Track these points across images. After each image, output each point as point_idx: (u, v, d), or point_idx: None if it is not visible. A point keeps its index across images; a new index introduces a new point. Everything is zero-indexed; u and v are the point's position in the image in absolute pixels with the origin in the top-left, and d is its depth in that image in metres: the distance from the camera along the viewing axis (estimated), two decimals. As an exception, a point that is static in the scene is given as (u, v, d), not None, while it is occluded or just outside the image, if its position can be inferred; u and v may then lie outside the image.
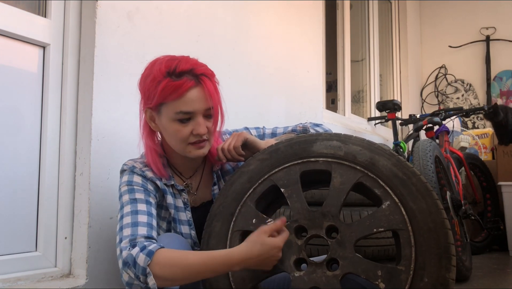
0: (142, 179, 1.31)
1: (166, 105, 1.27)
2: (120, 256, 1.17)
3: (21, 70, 1.52)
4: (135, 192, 1.28)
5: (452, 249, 1.10)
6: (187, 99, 1.25)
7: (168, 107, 1.27)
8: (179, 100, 1.25)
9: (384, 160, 1.19)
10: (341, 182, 1.21)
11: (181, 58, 1.29)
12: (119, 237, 1.21)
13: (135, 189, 1.29)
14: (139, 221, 1.22)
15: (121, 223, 1.23)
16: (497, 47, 4.81)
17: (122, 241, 1.19)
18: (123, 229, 1.21)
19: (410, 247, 1.11)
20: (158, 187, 1.34)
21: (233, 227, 1.27)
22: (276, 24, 2.66)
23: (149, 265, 1.12)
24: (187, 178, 1.43)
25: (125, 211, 1.25)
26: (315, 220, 1.20)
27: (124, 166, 1.36)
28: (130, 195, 1.28)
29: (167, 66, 1.26)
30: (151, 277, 1.12)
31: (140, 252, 1.14)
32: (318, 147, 1.26)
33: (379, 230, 1.15)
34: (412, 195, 1.14)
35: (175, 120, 1.28)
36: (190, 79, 1.25)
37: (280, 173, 1.27)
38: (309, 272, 1.17)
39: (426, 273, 1.09)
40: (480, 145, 4.23)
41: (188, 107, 1.26)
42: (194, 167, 1.44)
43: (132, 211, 1.24)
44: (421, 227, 1.11)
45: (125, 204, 1.27)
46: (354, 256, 1.15)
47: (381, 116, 3.75)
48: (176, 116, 1.27)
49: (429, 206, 1.13)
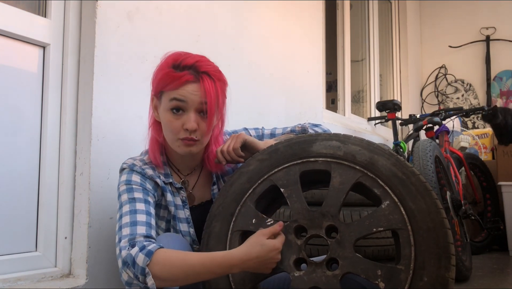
0: (141, 178, 1.32)
1: (165, 94, 1.31)
2: (120, 255, 1.17)
3: (21, 70, 1.52)
4: (133, 191, 1.29)
5: (451, 248, 1.10)
6: (183, 91, 1.28)
7: (166, 96, 1.30)
8: (175, 90, 1.28)
9: (383, 159, 1.19)
10: (341, 182, 1.21)
11: (190, 55, 1.32)
12: (118, 236, 1.21)
13: (133, 188, 1.29)
14: (138, 220, 1.22)
15: (120, 222, 1.24)
16: (497, 47, 4.81)
17: (121, 241, 1.19)
18: (122, 228, 1.21)
19: (409, 246, 1.11)
20: (158, 184, 1.35)
21: (233, 227, 1.27)
22: (276, 24, 2.66)
23: (148, 265, 1.12)
24: (185, 175, 1.43)
25: (124, 210, 1.25)
26: (314, 220, 1.20)
27: (123, 164, 1.36)
28: (128, 194, 1.28)
29: (174, 59, 1.31)
30: (150, 277, 1.12)
31: (139, 252, 1.14)
32: (317, 147, 1.26)
33: (378, 230, 1.15)
34: (411, 194, 1.14)
35: (169, 110, 1.30)
36: (190, 73, 1.28)
37: (279, 173, 1.27)
38: (309, 272, 1.17)
39: (426, 272, 1.08)
40: (480, 145, 4.23)
41: (182, 96, 1.28)
42: (192, 165, 1.44)
43: (131, 210, 1.24)
44: (421, 226, 1.11)
45: (124, 204, 1.27)
46: (353, 255, 1.15)
47: (381, 116, 3.75)
48: (170, 104, 1.29)
49: (428, 205, 1.13)
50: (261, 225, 1.23)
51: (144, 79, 1.58)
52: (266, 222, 1.23)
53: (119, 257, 1.17)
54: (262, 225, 1.23)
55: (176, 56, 1.31)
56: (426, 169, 2.32)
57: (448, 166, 2.83)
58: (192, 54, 1.34)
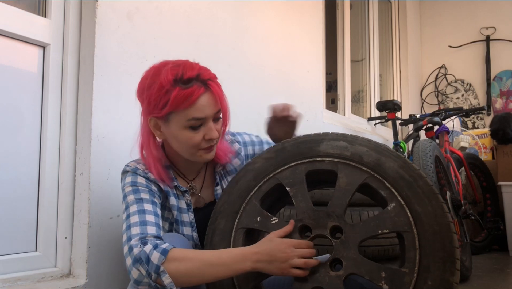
0: (146, 180, 1.31)
1: (176, 113, 1.25)
2: (130, 253, 1.16)
3: (21, 70, 1.52)
4: (140, 192, 1.28)
5: (456, 252, 1.09)
6: (199, 106, 1.24)
7: (179, 115, 1.25)
8: (191, 108, 1.24)
9: (390, 161, 1.19)
10: (347, 183, 1.20)
11: (184, 64, 1.27)
12: (127, 235, 1.20)
13: (140, 189, 1.28)
14: (148, 220, 1.22)
15: (128, 221, 1.22)
16: (497, 47, 4.81)
17: (132, 239, 1.18)
18: (131, 227, 1.20)
19: (414, 249, 1.10)
20: (161, 188, 1.34)
21: (238, 224, 1.26)
22: (276, 24, 2.66)
23: (163, 263, 1.12)
24: (191, 179, 1.43)
25: (132, 210, 1.24)
26: (319, 219, 1.20)
27: (126, 167, 1.35)
28: (135, 195, 1.27)
29: (173, 74, 1.24)
30: (166, 275, 1.12)
31: (153, 249, 1.14)
32: (324, 146, 1.26)
33: (383, 232, 1.15)
34: (418, 197, 1.13)
35: (187, 128, 1.26)
36: (199, 86, 1.24)
37: (286, 172, 1.27)
38: (312, 271, 1.17)
39: (430, 276, 1.08)
40: (480, 145, 4.23)
41: (200, 114, 1.25)
42: (196, 169, 1.44)
43: (139, 210, 1.24)
44: (426, 229, 1.11)
45: (131, 204, 1.26)
46: (358, 256, 1.14)
47: (381, 116, 3.75)
48: (188, 123, 1.25)
49: (435, 209, 1.12)
50: (266, 223, 1.23)
51: (144, 79, 1.58)
52: (271, 220, 1.23)
53: (128, 255, 1.16)
54: (266, 223, 1.23)
55: (173, 71, 1.24)
56: (426, 169, 2.32)
57: (448, 166, 2.83)
58: (180, 62, 1.28)
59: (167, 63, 1.28)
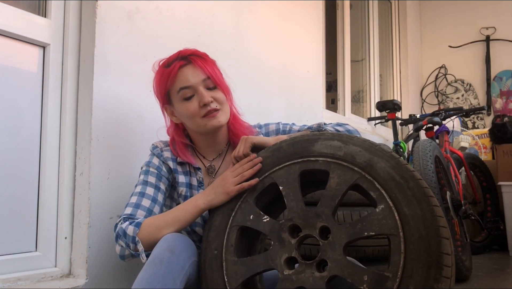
0: (159, 161, 1.43)
1: (171, 92, 1.41)
2: (115, 232, 1.31)
3: (21, 70, 1.52)
4: (149, 174, 1.40)
5: (445, 259, 1.03)
6: (181, 77, 1.37)
7: (173, 92, 1.40)
8: (177, 81, 1.38)
9: (382, 162, 1.16)
10: (338, 183, 1.18)
11: (175, 53, 1.42)
12: (122, 213, 1.34)
13: (150, 171, 1.41)
14: (142, 204, 1.35)
15: (129, 199, 1.37)
16: (497, 47, 4.81)
17: (120, 217, 1.33)
18: (127, 206, 1.35)
19: (399, 253, 1.06)
20: (171, 168, 1.43)
21: (232, 222, 1.27)
22: (276, 24, 2.66)
23: (138, 234, 1.27)
24: (210, 160, 1.50)
25: (136, 190, 1.38)
26: (309, 219, 1.19)
27: (151, 146, 1.48)
28: (144, 176, 1.41)
29: (162, 63, 1.42)
30: (140, 244, 1.26)
31: (129, 225, 1.29)
32: (319, 146, 1.25)
33: (370, 234, 1.11)
34: (407, 199, 1.09)
35: (182, 101, 1.39)
36: (179, 61, 1.38)
37: (280, 171, 1.27)
38: (298, 271, 1.16)
39: (413, 281, 1.03)
40: (480, 145, 4.23)
41: (185, 83, 1.37)
42: (217, 150, 1.50)
43: (140, 192, 1.37)
44: (413, 233, 1.06)
45: (139, 183, 1.40)
46: (342, 258, 1.12)
47: (381, 116, 3.75)
48: (180, 96, 1.38)
49: (424, 212, 1.07)
50: (258, 221, 1.24)
51: (144, 79, 1.58)
52: (263, 218, 1.23)
53: (114, 231, 1.32)
54: (258, 221, 1.24)
55: (162, 60, 1.43)
56: (426, 169, 2.32)
57: (448, 166, 2.83)
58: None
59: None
